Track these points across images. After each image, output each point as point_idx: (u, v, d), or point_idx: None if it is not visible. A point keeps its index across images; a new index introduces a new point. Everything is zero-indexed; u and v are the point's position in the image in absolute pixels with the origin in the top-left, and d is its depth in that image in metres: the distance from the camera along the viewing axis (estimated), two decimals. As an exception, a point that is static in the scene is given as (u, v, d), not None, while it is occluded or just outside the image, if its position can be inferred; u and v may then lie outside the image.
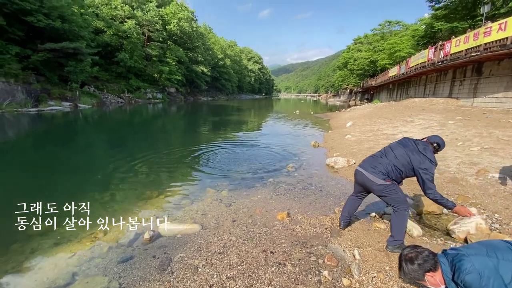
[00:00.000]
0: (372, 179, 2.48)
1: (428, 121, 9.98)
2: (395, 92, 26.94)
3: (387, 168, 2.46)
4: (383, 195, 2.50)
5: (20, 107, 17.18)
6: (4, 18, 17.99)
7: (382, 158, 2.55)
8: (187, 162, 6.18)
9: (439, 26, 22.85)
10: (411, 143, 2.57)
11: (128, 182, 4.77)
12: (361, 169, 2.61)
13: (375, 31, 46.04)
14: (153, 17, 35.63)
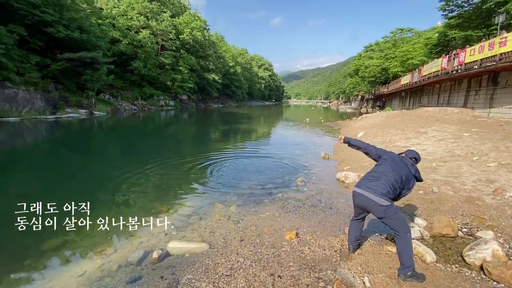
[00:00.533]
0: (375, 200, 2.43)
1: (442, 132, 9.72)
2: (407, 100, 26.47)
3: (389, 188, 2.45)
4: (385, 217, 2.44)
5: (39, 114, 17.87)
6: (26, 29, 18.93)
7: (381, 179, 2.52)
8: (196, 172, 6.24)
9: (452, 34, 22.47)
10: (403, 164, 2.65)
11: (138, 193, 4.85)
12: (361, 191, 2.56)
13: (386, 38, 45.69)
14: (167, 26, 36.64)
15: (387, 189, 2.43)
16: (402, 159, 2.71)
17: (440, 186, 4.64)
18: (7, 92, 16.54)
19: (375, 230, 3.37)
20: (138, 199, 4.59)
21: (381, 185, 2.45)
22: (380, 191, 2.43)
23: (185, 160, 7.47)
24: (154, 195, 4.80)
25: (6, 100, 16.34)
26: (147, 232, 3.36)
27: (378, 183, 2.48)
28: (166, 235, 3.29)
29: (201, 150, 9.44)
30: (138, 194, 4.84)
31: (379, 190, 2.44)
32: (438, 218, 3.35)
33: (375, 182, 2.51)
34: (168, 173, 6.13)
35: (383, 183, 2.47)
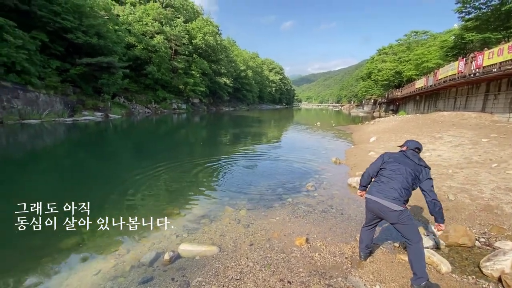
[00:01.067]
0: (387, 206, 2.39)
1: (458, 138, 9.42)
2: (422, 104, 25.83)
3: (400, 192, 2.40)
4: (398, 222, 2.39)
5: (58, 116, 18.60)
6: (47, 35, 19.84)
7: (391, 183, 2.46)
8: (207, 175, 6.31)
9: (470, 37, 21.82)
10: (406, 159, 2.56)
11: (149, 195, 4.95)
12: (374, 197, 2.51)
13: (400, 41, 44.92)
14: (180, 32, 37.45)
15: (398, 192, 2.39)
16: (402, 154, 2.63)
17: (457, 194, 4.49)
18: (29, 95, 17.32)
19: (387, 238, 3.30)
20: (149, 201, 4.69)
21: (391, 190, 2.42)
22: (392, 196, 2.39)
23: (196, 163, 7.56)
24: (165, 197, 4.89)
25: (28, 103, 17.11)
26: (159, 234, 3.43)
27: (388, 188, 2.44)
28: (178, 237, 3.34)
29: (212, 153, 9.54)
30: (149, 195, 4.94)
31: (390, 195, 2.40)
32: (454, 227, 3.25)
33: (385, 187, 2.47)
34: (180, 175, 6.23)
35: (392, 186, 2.43)
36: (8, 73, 16.33)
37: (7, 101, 15.87)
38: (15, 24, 16.53)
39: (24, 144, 10.92)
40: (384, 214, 2.45)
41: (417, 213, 3.94)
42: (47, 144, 11.21)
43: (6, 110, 15.57)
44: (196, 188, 5.47)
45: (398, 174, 2.47)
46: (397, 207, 2.35)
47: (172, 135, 16.06)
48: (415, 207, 4.07)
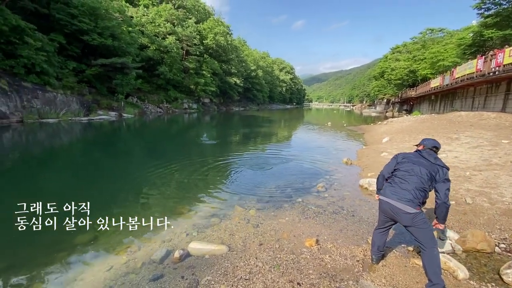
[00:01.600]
0: (401, 208, 2.32)
1: (477, 139, 9.07)
2: (438, 104, 25.05)
3: (414, 193, 2.31)
4: (412, 225, 2.30)
5: (74, 116, 19.20)
6: (65, 37, 20.50)
7: (404, 184, 2.38)
8: (217, 174, 6.35)
9: (489, 34, 20.96)
10: (421, 159, 2.45)
11: (162, 191, 5.03)
12: (387, 198, 2.44)
13: (415, 39, 43.76)
14: (192, 32, 37.88)
15: (412, 194, 2.30)
16: (417, 153, 2.53)
17: (475, 197, 4.32)
18: (48, 95, 17.97)
19: (401, 241, 3.21)
20: (159, 199, 4.75)
21: (405, 191, 2.34)
22: (405, 197, 2.31)
23: (206, 161, 7.62)
24: (174, 195, 4.94)
25: (47, 102, 17.75)
26: (170, 231, 3.46)
27: (401, 189, 2.37)
28: (188, 235, 3.37)
29: (222, 152, 9.58)
30: (160, 194, 5.01)
31: (404, 196, 2.32)
32: (472, 232, 3.12)
33: (398, 188, 2.39)
34: (190, 174, 6.28)
35: (406, 188, 2.35)
36: (28, 74, 17.00)
37: (27, 101, 16.52)
38: (35, 27, 17.18)
39: (42, 142, 11.32)
40: (397, 216, 2.38)
41: (432, 216, 3.81)
42: (63, 142, 11.58)
43: (26, 110, 16.21)
44: (206, 186, 5.50)
45: (412, 174, 2.39)
46: (410, 209, 2.27)
47: (183, 134, 16.26)
48: (431, 209, 3.94)
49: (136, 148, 11.24)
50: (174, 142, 12.51)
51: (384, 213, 2.53)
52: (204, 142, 12.72)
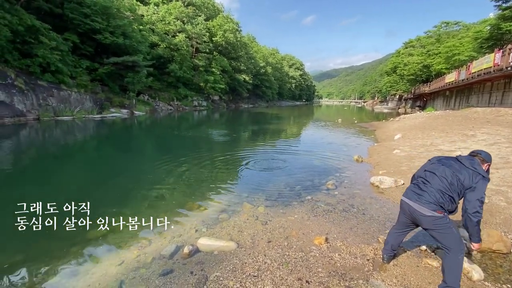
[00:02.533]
0: (418, 209, 2.21)
1: (494, 136, 8.75)
2: (452, 100, 24.28)
3: (435, 196, 2.16)
4: (432, 229, 2.19)
5: (88, 113, 19.68)
6: (78, 37, 20.98)
7: (426, 185, 2.26)
8: (226, 171, 6.38)
9: (507, 27, 20.09)
10: (453, 161, 2.28)
11: (173, 188, 5.10)
12: (406, 199, 2.36)
13: (429, 33, 42.47)
14: (201, 30, 38.03)
15: (434, 196, 2.16)
16: (454, 157, 2.35)
17: (491, 196, 4.17)
18: (62, 94, 18.48)
19: (413, 241, 3.14)
20: (168, 196, 4.81)
21: (426, 192, 2.21)
22: (425, 199, 2.19)
23: (216, 158, 7.67)
24: (184, 191, 4.99)
25: (62, 101, 18.27)
26: (179, 227, 3.51)
27: (422, 190, 2.25)
28: (197, 231, 3.40)
29: (231, 148, 9.62)
30: (169, 190, 5.08)
31: (424, 198, 2.20)
32: (487, 232, 3.01)
33: (419, 189, 2.29)
34: (199, 170, 6.34)
35: (427, 189, 2.22)
36: (43, 73, 17.52)
37: (43, 99, 17.05)
38: (49, 27, 17.66)
39: (57, 139, 11.68)
40: (416, 218, 2.28)
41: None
42: (77, 139, 11.90)
43: (42, 108, 16.73)
44: (214, 183, 5.54)
45: (435, 175, 2.24)
46: (428, 211, 2.15)
47: (193, 131, 16.41)
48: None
49: (147, 144, 11.43)
50: (184, 139, 12.64)
51: (404, 214, 2.44)
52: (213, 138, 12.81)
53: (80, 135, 13.37)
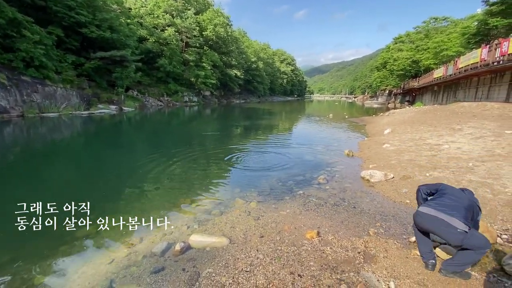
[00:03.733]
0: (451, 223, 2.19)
1: (480, 129, 8.99)
2: (440, 95, 24.80)
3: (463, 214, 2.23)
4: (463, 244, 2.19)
5: (74, 110, 19.16)
6: (63, 30, 20.26)
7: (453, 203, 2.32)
8: (218, 167, 6.35)
9: (494, 22, 20.54)
10: (460, 193, 2.44)
11: (163, 185, 5.03)
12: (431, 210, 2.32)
13: (418, 28, 43.04)
14: (191, 24, 37.34)
15: (464, 213, 2.22)
16: (459, 189, 2.51)
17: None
18: (47, 89, 17.90)
19: (403, 232, 3.20)
20: (159, 194, 4.75)
21: (455, 209, 2.25)
22: (456, 213, 2.21)
23: (207, 155, 7.61)
24: (175, 188, 4.94)
25: (47, 97, 17.70)
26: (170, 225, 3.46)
27: (451, 206, 2.28)
28: (188, 228, 3.37)
29: (222, 145, 9.56)
30: (160, 187, 5.01)
31: (455, 211, 2.22)
32: (476, 223, 3.10)
33: (447, 204, 2.30)
34: (191, 167, 6.28)
35: (456, 206, 2.27)
36: (27, 68, 16.88)
37: (27, 95, 16.47)
38: (32, 20, 16.96)
39: (43, 137, 11.32)
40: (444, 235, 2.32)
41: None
42: (64, 137, 11.58)
43: (26, 104, 16.17)
44: (206, 179, 5.50)
45: (458, 201, 2.35)
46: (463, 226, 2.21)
47: (184, 127, 16.22)
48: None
49: (137, 141, 11.23)
50: (175, 135, 12.49)
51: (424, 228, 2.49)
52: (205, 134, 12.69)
53: (68, 132, 13.01)
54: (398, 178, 5.15)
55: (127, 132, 13.81)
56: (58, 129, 13.57)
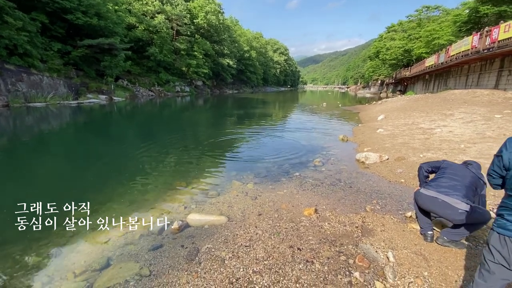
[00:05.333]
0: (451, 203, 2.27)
1: (470, 114, 9.14)
2: (432, 83, 25.06)
3: (464, 191, 2.30)
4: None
5: (62, 100, 18.57)
6: (47, 17, 19.40)
7: (453, 182, 2.37)
8: (213, 153, 6.29)
9: (485, 10, 20.67)
10: (464, 169, 2.49)
11: (159, 171, 4.96)
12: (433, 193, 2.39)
13: (411, 17, 42.95)
14: (182, 11, 36.26)
15: (465, 192, 2.27)
16: (462, 165, 2.55)
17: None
18: (33, 78, 17.25)
19: (399, 209, 3.24)
20: (157, 177, 4.68)
21: (457, 189, 2.30)
22: (458, 194, 2.26)
23: (202, 143, 7.53)
24: (172, 174, 4.88)
25: (33, 86, 17.07)
26: (168, 206, 3.43)
27: (453, 186, 2.32)
28: (186, 208, 3.34)
29: (218, 133, 9.46)
30: (158, 172, 4.94)
31: (456, 193, 2.27)
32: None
33: (448, 185, 2.35)
34: (187, 153, 6.21)
35: (458, 186, 2.31)
36: (10, 56, 16.18)
37: (12, 84, 15.84)
38: (14, 5, 16.13)
39: (31, 128, 10.98)
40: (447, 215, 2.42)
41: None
42: (53, 128, 11.24)
43: (11, 93, 15.58)
44: (203, 165, 5.45)
45: (459, 178, 2.41)
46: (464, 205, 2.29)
47: (177, 117, 15.98)
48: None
49: (131, 131, 11.01)
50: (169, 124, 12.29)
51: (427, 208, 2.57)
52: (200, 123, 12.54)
53: (57, 123, 12.63)
54: (393, 159, 5.21)
55: (120, 122, 13.52)
56: (47, 119, 13.16)
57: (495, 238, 1.30)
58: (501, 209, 1.31)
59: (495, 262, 1.29)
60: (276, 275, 2.06)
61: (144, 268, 2.20)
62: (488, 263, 1.32)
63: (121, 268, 2.22)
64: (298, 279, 2.02)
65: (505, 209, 1.28)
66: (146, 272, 2.15)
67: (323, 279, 2.02)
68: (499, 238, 1.28)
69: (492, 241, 1.31)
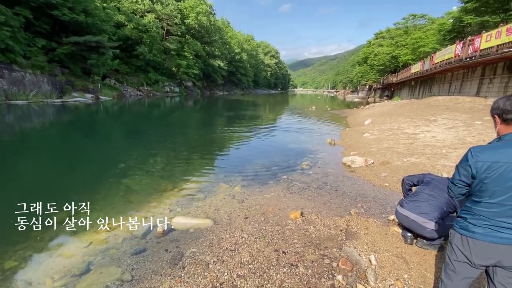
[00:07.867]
0: (419, 222, 2.45)
1: (452, 120, 9.48)
2: (417, 89, 25.83)
3: (436, 212, 2.44)
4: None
5: (46, 97, 17.98)
6: (31, 12, 18.76)
7: (428, 201, 2.53)
8: (201, 155, 6.24)
9: (468, 20, 21.54)
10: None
11: (145, 173, 4.87)
12: (406, 211, 2.59)
13: (398, 25, 44.20)
14: (172, 11, 35.96)
15: (436, 212, 2.41)
16: (444, 179, 2.70)
17: (450, 172, 4.52)
18: (15, 75, 16.63)
19: (382, 212, 3.31)
20: (143, 179, 4.60)
21: (427, 208, 2.45)
22: (427, 213, 2.42)
23: (190, 144, 7.46)
24: (158, 175, 4.80)
25: (14, 83, 16.45)
26: (153, 209, 3.37)
27: (425, 205, 2.48)
28: (171, 211, 3.29)
29: (206, 135, 9.41)
30: (143, 174, 4.85)
31: (425, 212, 2.43)
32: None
33: (420, 204, 2.51)
34: (174, 156, 6.13)
35: (431, 204, 2.46)
36: (-9, 51, 15.55)
37: (-8, 80, 15.21)
38: (-4, -1, 15.56)
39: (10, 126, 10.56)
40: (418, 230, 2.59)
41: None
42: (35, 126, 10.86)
43: (-9, 90, 14.95)
44: (190, 167, 5.40)
45: (438, 195, 2.56)
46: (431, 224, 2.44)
47: (165, 117, 15.76)
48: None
49: (117, 131, 10.78)
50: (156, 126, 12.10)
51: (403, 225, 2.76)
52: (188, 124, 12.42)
53: (39, 121, 12.21)
54: (378, 163, 5.32)
55: (106, 122, 13.21)
56: (28, 117, 12.69)
57: (457, 239, 1.37)
58: (464, 212, 1.38)
59: (458, 261, 1.36)
60: (260, 279, 2.06)
61: (126, 273, 2.15)
62: (452, 263, 1.39)
63: (101, 273, 2.16)
64: (282, 283, 2.02)
65: (468, 213, 1.35)
66: (128, 277, 2.11)
67: (306, 282, 2.03)
68: (461, 239, 1.35)
69: (454, 241, 1.38)
